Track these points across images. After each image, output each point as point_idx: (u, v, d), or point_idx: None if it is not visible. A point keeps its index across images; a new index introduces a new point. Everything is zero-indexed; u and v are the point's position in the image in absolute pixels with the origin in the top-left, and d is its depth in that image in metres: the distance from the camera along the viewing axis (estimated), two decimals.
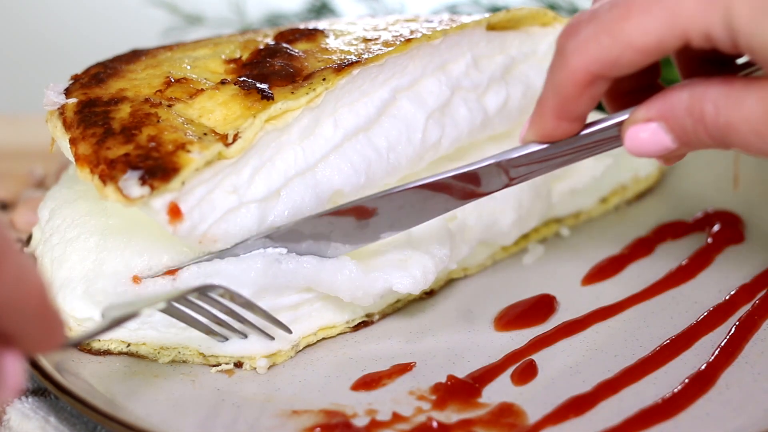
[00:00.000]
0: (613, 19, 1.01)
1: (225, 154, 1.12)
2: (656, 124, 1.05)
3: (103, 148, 1.12)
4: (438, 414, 1.12)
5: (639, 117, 1.06)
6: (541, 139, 1.11)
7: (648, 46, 1.00)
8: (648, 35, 0.99)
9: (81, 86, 1.24)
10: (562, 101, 1.06)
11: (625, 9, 1.00)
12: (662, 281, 1.33)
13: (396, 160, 1.24)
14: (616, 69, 1.02)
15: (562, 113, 1.07)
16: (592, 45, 1.02)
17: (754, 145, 1.00)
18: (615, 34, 1.00)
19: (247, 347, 1.19)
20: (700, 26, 0.98)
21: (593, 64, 1.02)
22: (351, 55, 1.23)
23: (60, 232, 1.24)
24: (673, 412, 1.11)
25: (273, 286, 1.18)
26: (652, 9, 0.99)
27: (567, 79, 1.04)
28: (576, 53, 1.03)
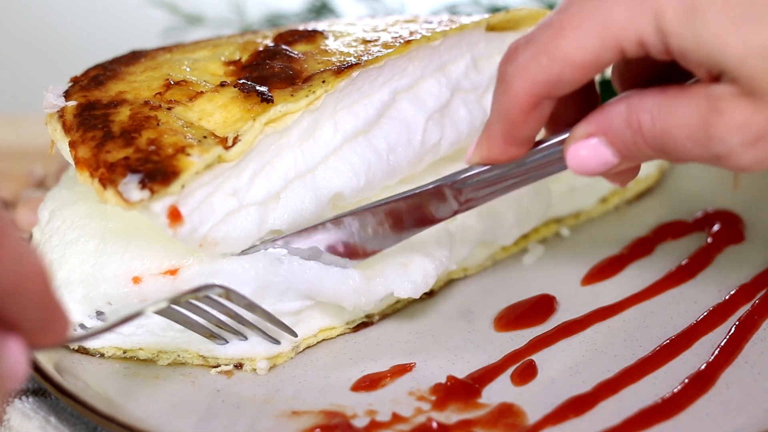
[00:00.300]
0: (548, 38, 1.01)
1: (225, 157, 1.12)
2: (596, 139, 1.05)
3: (103, 151, 1.12)
4: (438, 414, 1.12)
5: (579, 133, 1.06)
6: (488, 162, 1.11)
7: (586, 60, 1.00)
8: (584, 49, 0.99)
9: (80, 89, 1.24)
10: (508, 126, 1.06)
11: (559, 27, 1.01)
12: (662, 281, 1.33)
13: (396, 161, 1.24)
14: (558, 88, 1.02)
15: (510, 138, 1.07)
16: (532, 67, 1.02)
17: (691, 151, 1.00)
18: (552, 53, 1.01)
19: (248, 349, 1.19)
20: (631, 33, 0.98)
21: (535, 86, 1.02)
22: (350, 57, 1.23)
23: (60, 234, 1.24)
24: (673, 412, 1.11)
25: (273, 287, 1.17)
26: (584, 23, 0.99)
27: (511, 104, 1.04)
28: (517, 77, 1.03)
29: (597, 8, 0.99)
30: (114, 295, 1.17)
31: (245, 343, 1.19)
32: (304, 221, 1.19)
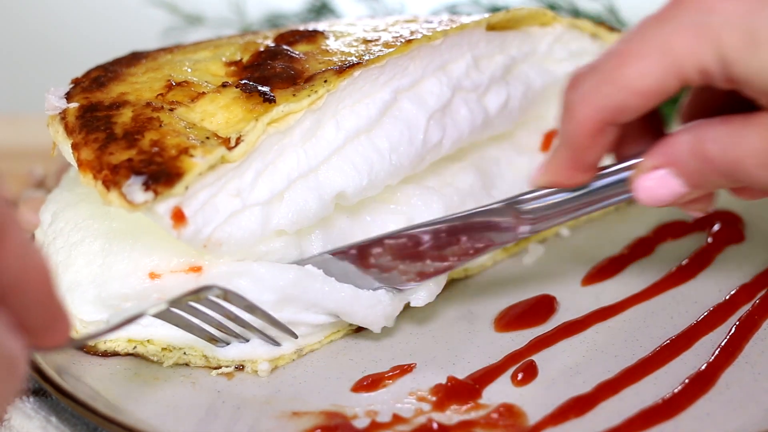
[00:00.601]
0: (611, 67, 1.03)
1: (228, 158, 1.12)
2: (664, 171, 1.07)
3: (106, 153, 1.11)
4: (438, 415, 1.12)
5: (646, 166, 1.08)
6: (553, 186, 1.14)
7: (648, 88, 1.02)
8: (647, 78, 1.01)
9: (82, 90, 1.23)
10: (575, 152, 1.09)
11: (622, 56, 1.03)
12: (662, 281, 1.33)
13: (398, 160, 1.24)
14: (622, 115, 1.04)
15: (575, 163, 1.10)
16: (595, 94, 1.04)
17: (763, 178, 1.02)
18: (615, 82, 1.03)
19: (249, 351, 1.19)
20: (693, 62, 1.00)
21: (599, 113, 1.05)
22: (352, 57, 1.23)
23: (63, 236, 1.24)
24: (673, 412, 1.11)
25: (300, 300, 1.18)
26: (646, 52, 1.01)
27: (576, 131, 1.07)
28: (581, 104, 1.05)
29: (660, 38, 1.01)
30: (130, 292, 1.17)
31: (246, 345, 1.19)
32: (308, 221, 1.19)
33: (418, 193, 1.28)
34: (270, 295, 1.16)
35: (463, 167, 1.35)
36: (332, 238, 1.23)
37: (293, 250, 1.20)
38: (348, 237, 1.24)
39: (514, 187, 1.38)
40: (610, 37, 1.45)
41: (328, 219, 1.23)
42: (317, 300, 1.18)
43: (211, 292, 1.11)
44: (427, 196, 1.28)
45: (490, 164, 1.38)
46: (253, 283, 1.15)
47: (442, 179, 1.33)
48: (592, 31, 1.45)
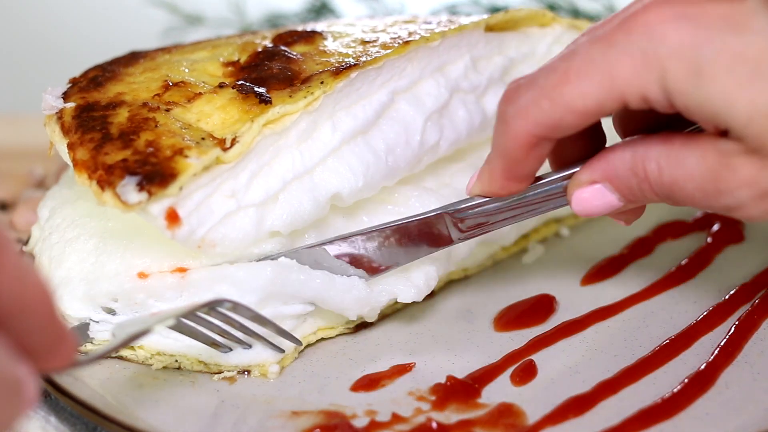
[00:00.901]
0: (552, 84, 1.03)
1: (223, 159, 1.12)
2: (601, 185, 1.08)
3: (101, 153, 1.11)
4: (437, 414, 1.12)
5: (583, 180, 1.09)
6: (488, 195, 1.14)
7: (587, 108, 1.02)
8: (586, 98, 1.01)
9: (79, 90, 1.23)
10: (508, 163, 1.09)
11: (564, 74, 1.02)
12: (662, 281, 1.33)
13: (395, 162, 1.24)
14: (557, 131, 1.04)
15: (509, 174, 1.10)
16: (533, 109, 1.04)
17: (699, 201, 1.03)
18: (554, 99, 1.03)
19: (255, 356, 1.18)
20: (636, 89, 1.00)
21: (535, 128, 1.04)
22: (349, 58, 1.23)
23: (59, 231, 1.24)
24: (673, 412, 1.10)
25: (280, 295, 1.17)
26: (588, 73, 1.01)
27: (511, 143, 1.07)
28: (517, 118, 1.05)
29: (603, 59, 1.00)
30: (118, 291, 1.17)
31: (250, 351, 1.18)
32: (302, 222, 1.19)
33: (416, 194, 1.28)
34: (251, 296, 1.15)
35: (461, 168, 1.35)
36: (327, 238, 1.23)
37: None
38: None
39: None
40: None
41: (323, 219, 1.23)
42: (295, 291, 1.18)
43: (222, 305, 1.10)
44: (425, 196, 1.28)
45: None
46: (234, 287, 1.14)
47: (440, 180, 1.33)
48: None
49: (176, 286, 1.16)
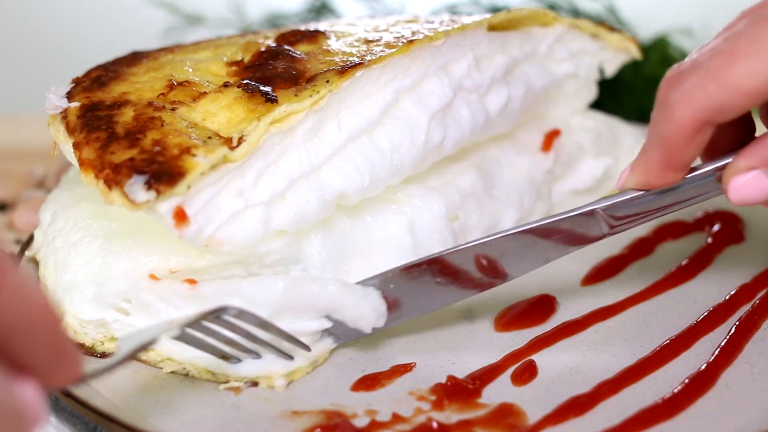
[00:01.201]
0: (717, 66, 1.02)
1: (230, 158, 1.12)
2: (759, 171, 1.07)
3: (108, 152, 1.11)
4: (438, 414, 1.12)
5: (740, 166, 1.08)
6: (643, 187, 1.13)
7: (756, 89, 1.01)
8: (755, 78, 1.01)
9: (83, 90, 1.23)
10: (669, 152, 1.08)
11: (730, 55, 1.02)
12: (662, 281, 1.33)
13: (399, 161, 1.24)
14: (723, 115, 1.04)
15: (668, 163, 1.09)
16: (699, 93, 1.03)
17: None
18: (721, 81, 1.02)
19: (264, 367, 1.16)
20: None
21: (701, 112, 1.04)
22: (353, 57, 1.23)
23: (63, 236, 1.24)
24: (673, 412, 1.11)
25: (293, 309, 1.16)
26: (757, 51, 1.01)
27: (674, 130, 1.06)
28: (682, 103, 1.04)
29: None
30: (128, 290, 1.16)
31: (260, 362, 1.16)
32: (309, 221, 1.19)
33: (419, 193, 1.28)
34: (263, 311, 1.13)
35: (464, 167, 1.35)
36: (332, 238, 1.23)
37: (293, 250, 1.19)
38: (348, 237, 1.24)
39: (514, 186, 1.38)
40: (610, 37, 1.45)
41: (328, 219, 1.23)
42: (309, 302, 1.16)
43: (226, 312, 1.09)
44: (428, 196, 1.28)
45: (491, 164, 1.38)
46: (244, 300, 1.13)
47: (443, 179, 1.33)
48: (593, 32, 1.45)
49: (185, 296, 1.15)
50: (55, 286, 1.22)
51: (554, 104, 1.47)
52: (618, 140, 1.51)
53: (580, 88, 1.47)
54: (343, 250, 1.24)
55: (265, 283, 1.14)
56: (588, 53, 1.46)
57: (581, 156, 1.46)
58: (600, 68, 1.49)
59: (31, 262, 1.30)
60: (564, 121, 1.47)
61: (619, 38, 1.46)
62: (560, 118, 1.47)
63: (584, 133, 1.47)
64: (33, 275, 1.28)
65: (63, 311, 1.20)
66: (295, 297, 1.15)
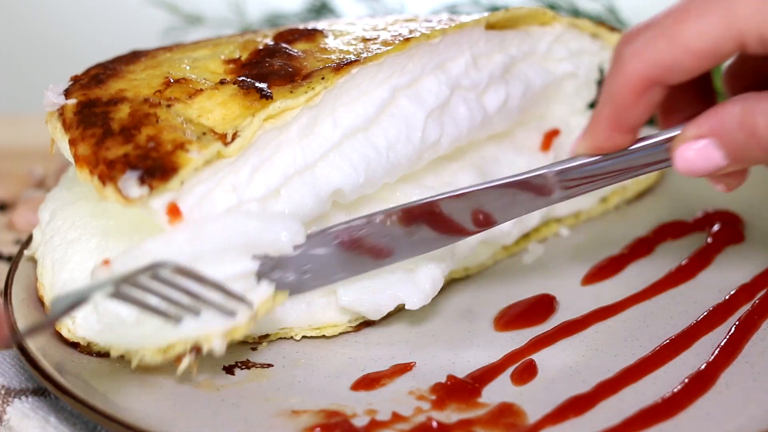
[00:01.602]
0: (670, 23, 1.02)
1: (224, 153, 1.12)
2: (707, 140, 1.05)
3: (103, 148, 1.11)
4: (438, 414, 1.12)
5: (689, 134, 1.06)
6: (593, 151, 1.12)
7: (705, 48, 1.00)
8: (705, 36, 1.00)
9: (80, 87, 1.24)
10: (617, 109, 1.07)
11: (682, 12, 1.01)
12: (662, 281, 1.33)
13: (395, 158, 1.24)
14: (672, 74, 1.03)
15: (617, 123, 1.08)
16: (650, 49, 1.02)
17: None
18: (672, 37, 1.01)
19: (203, 327, 1.09)
20: (755, 28, 0.98)
21: (650, 69, 1.03)
22: (350, 55, 1.23)
23: (61, 234, 1.24)
24: (673, 412, 1.10)
25: (206, 253, 1.10)
26: (708, 11, 1.00)
27: (623, 85, 1.05)
28: (633, 58, 1.04)
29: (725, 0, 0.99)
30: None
31: (199, 322, 1.09)
32: (304, 218, 1.19)
33: (417, 192, 1.28)
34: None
35: (462, 166, 1.35)
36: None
37: None
38: None
39: None
40: (610, 37, 1.45)
41: (325, 217, 1.23)
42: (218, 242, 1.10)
43: (163, 267, 1.06)
44: (426, 195, 1.28)
45: (489, 163, 1.38)
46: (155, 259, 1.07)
47: (441, 178, 1.33)
48: (592, 31, 1.45)
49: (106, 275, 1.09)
50: (53, 283, 1.22)
51: (553, 104, 1.47)
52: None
53: (580, 88, 1.47)
54: None
55: (169, 236, 1.10)
56: (588, 53, 1.46)
57: None
58: (600, 68, 1.49)
59: (30, 260, 1.30)
60: (563, 120, 1.47)
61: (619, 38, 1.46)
62: (560, 118, 1.47)
63: None
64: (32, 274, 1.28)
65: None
66: (201, 241, 1.10)
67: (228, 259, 1.12)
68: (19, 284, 1.27)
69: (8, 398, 1.18)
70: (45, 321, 0.99)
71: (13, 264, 1.30)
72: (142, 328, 1.11)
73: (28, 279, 1.28)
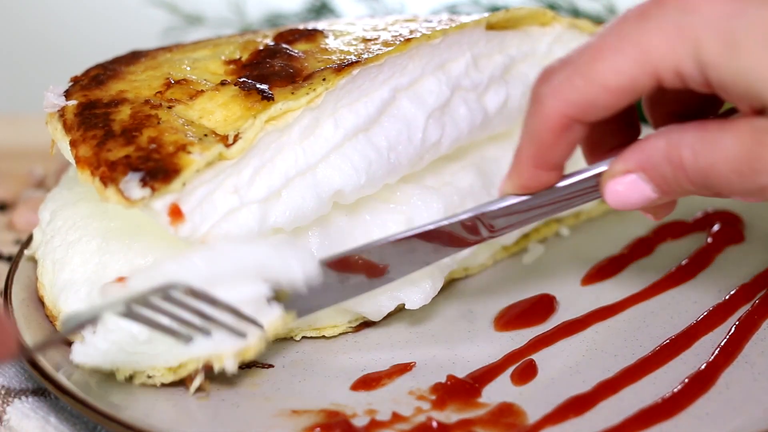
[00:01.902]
0: (585, 61, 1.01)
1: (226, 155, 1.12)
2: (635, 175, 1.04)
3: (104, 150, 1.11)
4: (438, 414, 1.12)
5: (617, 170, 1.05)
6: (520, 190, 1.11)
7: (621, 85, 1.00)
8: (620, 74, 0.99)
9: (81, 88, 1.24)
10: (538, 149, 1.06)
11: (597, 50, 1.00)
12: (662, 281, 1.33)
13: (396, 159, 1.24)
14: (591, 112, 1.02)
15: (540, 161, 1.07)
16: (566, 88, 1.01)
17: (736, 185, 1.00)
18: (588, 75, 1.00)
19: (214, 347, 1.11)
20: (669, 63, 0.98)
21: (568, 108, 1.02)
22: (351, 55, 1.23)
23: (61, 235, 1.24)
24: (673, 412, 1.11)
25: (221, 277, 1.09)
26: (622, 48, 0.99)
27: (542, 125, 1.04)
28: (550, 97, 1.03)
29: (637, 35, 0.98)
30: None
31: (210, 342, 1.10)
32: (305, 219, 1.19)
33: (417, 192, 1.28)
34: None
35: (462, 167, 1.35)
36: (330, 236, 1.23)
37: None
38: (346, 236, 1.24)
39: None
40: None
41: (326, 217, 1.23)
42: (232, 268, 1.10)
43: (174, 288, 1.06)
44: (426, 195, 1.28)
45: (489, 164, 1.38)
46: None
47: (441, 178, 1.33)
48: (592, 31, 1.44)
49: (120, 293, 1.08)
50: (53, 284, 1.22)
51: None
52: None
53: None
54: (341, 248, 1.24)
55: (186, 259, 1.09)
56: None
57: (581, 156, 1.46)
58: None
59: (30, 261, 1.30)
60: None
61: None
62: None
63: None
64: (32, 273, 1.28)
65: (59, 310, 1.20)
66: (218, 265, 1.10)
67: (241, 283, 1.11)
68: (19, 284, 1.27)
69: (8, 398, 1.18)
70: (56, 338, 0.99)
71: (13, 264, 1.30)
72: (154, 346, 1.12)
73: (29, 279, 1.28)
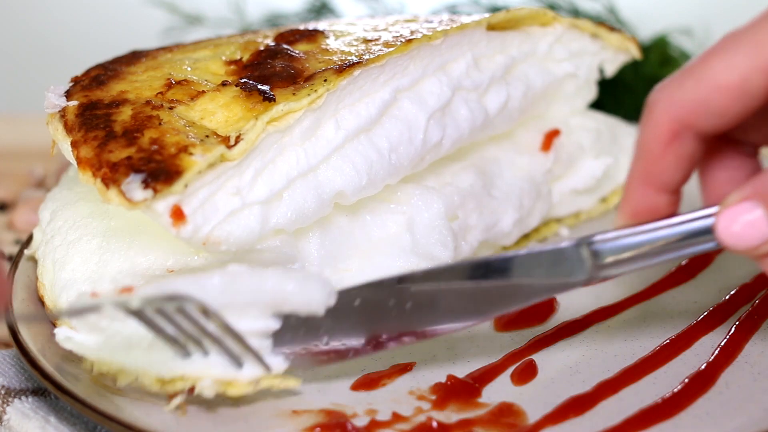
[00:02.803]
0: (697, 63, 0.99)
1: (227, 156, 1.12)
2: (751, 202, 0.97)
3: (105, 151, 1.11)
4: (438, 414, 1.12)
5: (733, 198, 0.99)
6: (629, 217, 1.05)
7: (732, 82, 0.97)
8: (732, 70, 0.97)
9: (81, 88, 1.24)
10: (647, 162, 1.02)
11: (710, 52, 0.99)
12: (662, 281, 1.33)
13: (398, 160, 1.24)
14: (702, 115, 0.99)
15: (649, 178, 1.03)
16: (676, 90, 0.99)
17: None
18: (698, 75, 0.98)
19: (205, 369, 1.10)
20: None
21: (677, 110, 0.99)
22: (352, 56, 1.23)
23: (62, 234, 1.24)
24: (673, 412, 1.11)
25: (235, 304, 1.09)
26: (737, 47, 0.97)
27: (651, 133, 1.01)
28: (659, 102, 1.01)
29: (752, 37, 0.97)
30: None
31: (204, 362, 1.10)
32: (306, 220, 1.19)
33: (418, 192, 1.28)
34: None
35: (463, 167, 1.35)
36: (331, 236, 1.23)
37: (291, 248, 1.19)
38: (347, 236, 1.24)
39: (513, 186, 1.38)
40: (610, 37, 1.45)
41: (327, 218, 1.23)
42: (250, 297, 1.10)
43: (190, 302, 1.05)
44: (427, 195, 1.28)
45: (490, 164, 1.38)
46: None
47: (442, 179, 1.33)
48: (593, 31, 1.45)
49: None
50: (53, 284, 1.22)
51: (554, 104, 1.47)
52: (618, 140, 1.51)
53: (580, 88, 1.48)
54: (342, 249, 1.24)
55: (202, 279, 1.09)
56: (588, 53, 1.46)
57: (581, 156, 1.46)
58: (600, 68, 1.49)
59: (30, 260, 1.30)
60: (564, 120, 1.47)
61: (619, 38, 1.46)
62: (560, 118, 1.47)
63: (584, 133, 1.47)
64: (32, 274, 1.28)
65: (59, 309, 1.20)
66: (234, 292, 1.09)
67: (251, 313, 1.11)
68: (19, 284, 1.27)
69: (8, 398, 1.18)
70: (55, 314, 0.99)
71: (13, 264, 1.30)
72: (152, 354, 1.11)
73: (29, 279, 1.28)
